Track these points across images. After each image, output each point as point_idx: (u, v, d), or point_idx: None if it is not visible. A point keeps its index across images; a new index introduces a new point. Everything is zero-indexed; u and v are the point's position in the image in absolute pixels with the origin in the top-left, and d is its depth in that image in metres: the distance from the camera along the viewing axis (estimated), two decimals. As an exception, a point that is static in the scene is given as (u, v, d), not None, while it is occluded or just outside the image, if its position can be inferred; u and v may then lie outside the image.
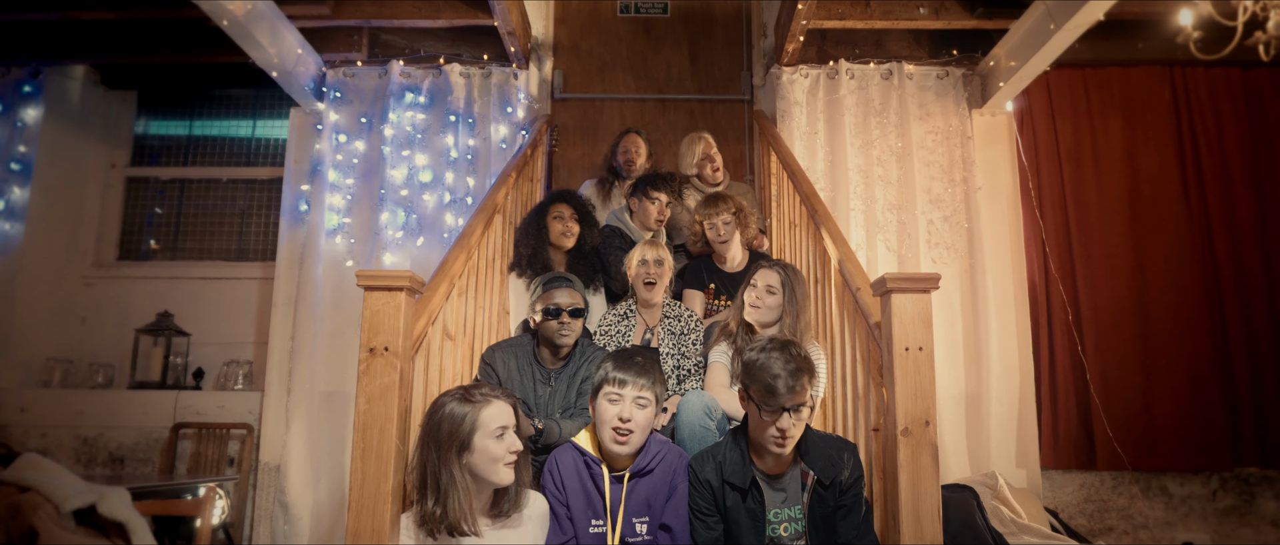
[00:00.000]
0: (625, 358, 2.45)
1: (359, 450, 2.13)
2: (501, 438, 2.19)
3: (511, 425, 2.22)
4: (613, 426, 2.37)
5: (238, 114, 5.90)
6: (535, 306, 2.97)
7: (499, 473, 2.17)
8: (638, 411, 2.38)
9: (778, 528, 2.38)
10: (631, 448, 2.40)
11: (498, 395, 2.25)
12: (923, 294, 2.24)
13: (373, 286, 2.21)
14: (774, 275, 3.13)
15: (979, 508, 2.70)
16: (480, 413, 2.20)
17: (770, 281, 3.12)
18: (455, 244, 3.12)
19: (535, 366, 3.00)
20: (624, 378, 2.39)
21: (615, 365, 2.42)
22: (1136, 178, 4.95)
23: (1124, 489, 4.68)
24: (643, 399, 2.39)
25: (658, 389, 2.43)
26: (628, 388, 2.38)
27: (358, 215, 4.94)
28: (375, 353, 2.18)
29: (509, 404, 2.25)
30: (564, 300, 2.94)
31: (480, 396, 2.23)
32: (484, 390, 2.25)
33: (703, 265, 3.92)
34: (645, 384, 2.40)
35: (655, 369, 2.46)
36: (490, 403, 2.22)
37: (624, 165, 4.63)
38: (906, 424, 2.18)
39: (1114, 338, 4.75)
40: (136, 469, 4.76)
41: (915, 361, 2.21)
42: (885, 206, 4.86)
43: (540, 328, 2.95)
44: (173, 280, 5.46)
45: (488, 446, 2.18)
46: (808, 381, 2.31)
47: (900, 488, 2.15)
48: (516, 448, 2.19)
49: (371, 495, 2.12)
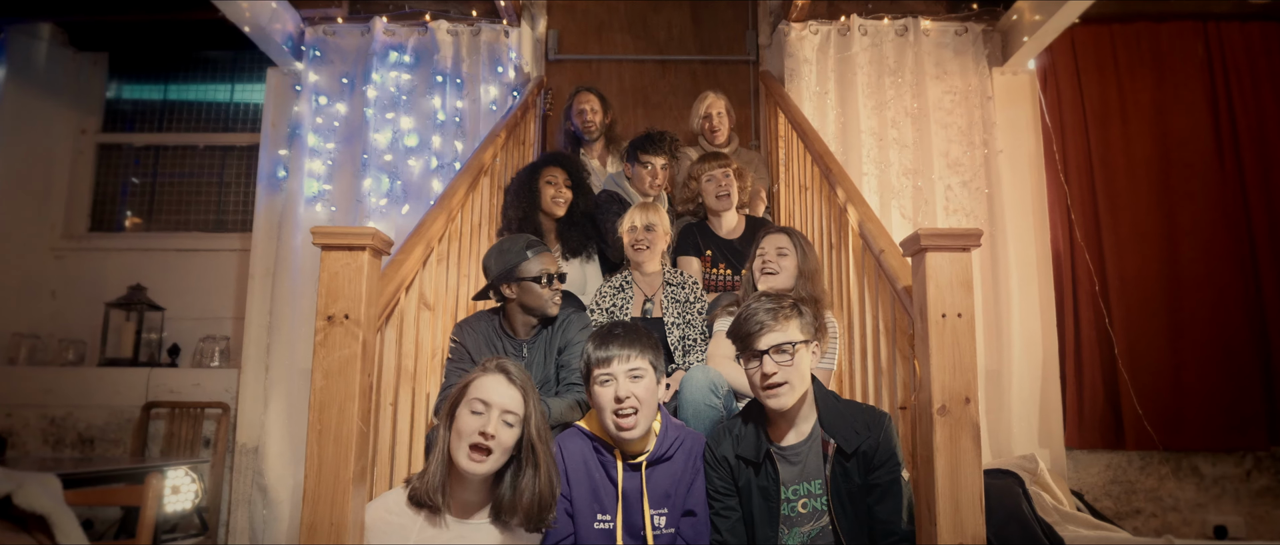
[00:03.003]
0: (604, 334, 2.16)
1: (315, 432, 1.86)
2: (478, 414, 1.91)
3: (499, 408, 1.92)
4: (612, 410, 2.10)
5: (215, 77, 5.59)
6: (517, 270, 2.66)
7: (459, 452, 1.90)
8: (635, 385, 2.10)
9: (794, 505, 2.11)
10: (640, 429, 2.12)
11: (509, 373, 1.97)
12: (962, 253, 1.95)
13: (330, 245, 1.92)
14: (782, 237, 2.86)
15: (1025, 496, 2.42)
16: (475, 379, 1.97)
17: (780, 244, 2.85)
18: (435, 205, 2.84)
19: (504, 338, 2.72)
20: (607, 355, 2.11)
21: (595, 344, 2.15)
22: (1167, 140, 4.66)
23: (1152, 469, 4.42)
24: (636, 370, 2.11)
25: (650, 356, 2.15)
26: (615, 364, 2.10)
27: (339, 182, 4.65)
28: (333, 321, 1.89)
29: (514, 388, 1.95)
30: (552, 265, 2.67)
31: (493, 366, 1.99)
32: (504, 364, 2.00)
33: (698, 231, 3.63)
34: (633, 354, 2.11)
35: (643, 335, 2.18)
36: (488, 374, 1.96)
37: (581, 127, 4.33)
38: (944, 401, 1.90)
39: (1142, 310, 4.48)
40: (107, 451, 4.50)
41: (954, 330, 1.92)
42: (900, 171, 4.57)
43: (525, 295, 2.66)
44: (147, 252, 5.17)
45: (461, 417, 1.92)
46: (795, 321, 2.10)
47: (936, 474, 1.87)
48: (489, 432, 1.89)
49: (329, 483, 1.84)
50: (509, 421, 1.93)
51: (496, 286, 2.67)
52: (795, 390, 2.08)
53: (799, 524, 2.12)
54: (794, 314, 2.12)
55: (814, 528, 2.12)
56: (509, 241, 2.72)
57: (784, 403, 2.07)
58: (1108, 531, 2.58)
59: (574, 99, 4.38)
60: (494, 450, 1.91)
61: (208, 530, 4.18)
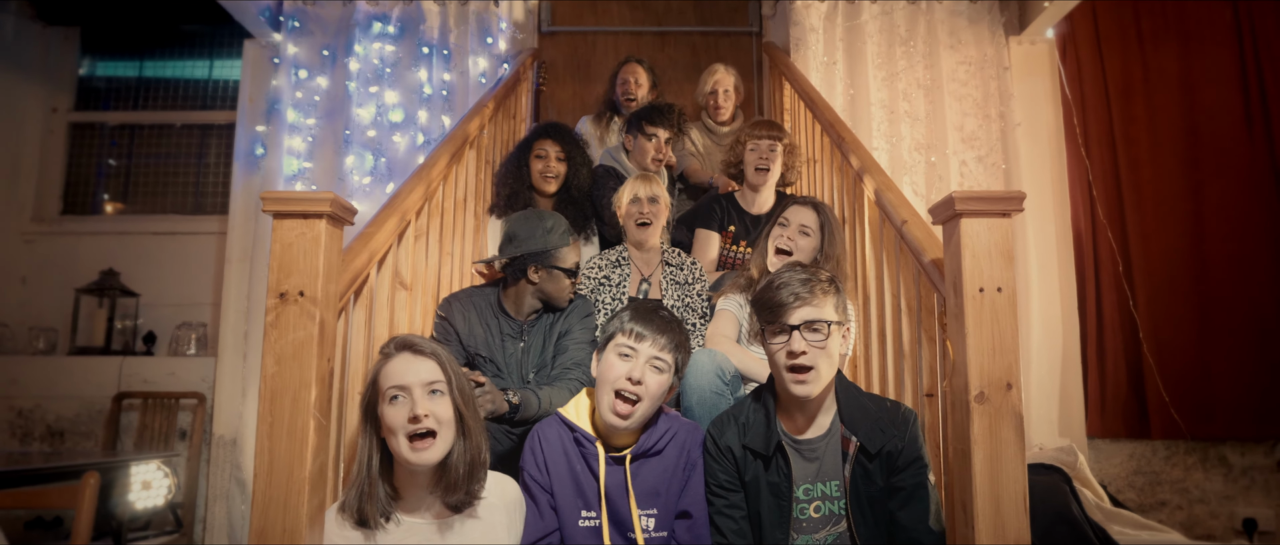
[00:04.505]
0: (646, 310, 1.97)
1: (265, 425, 1.62)
2: (396, 402, 1.67)
3: (418, 385, 1.68)
4: (616, 388, 1.88)
5: (193, 53, 5.36)
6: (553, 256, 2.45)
7: (400, 447, 1.66)
8: (651, 376, 1.90)
9: (807, 507, 1.88)
10: (634, 423, 1.90)
11: (413, 346, 1.72)
12: (1001, 219, 1.71)
13: (283, 212, 1.68)
14: (809, 213, 2.60)
15: (1073, 495, 2.18)
16: (382, 369, 1.71)
17: (805, 220, 2.59)
18: (413, 175, 2.60)
19: (501, 318, 2.49)
20: (643, 331, 1.91)
21: (633, 314, 1.95)
22: (1193, 112, 4.43)
23: (1178, 459, 4.20)
24: (660, 362, 1.91)
25: (679, 356, 1.95)
26: (645, 344, 1.90)
27: (320, 159, 4.40)
28: (286, 299, 1.66)
29: (425, 358, 1.71)
30: (578, 256, 2.52)
31: (392, 349, 1.73)
32: (406, 338, 1.75)
33: (722, 203, 3.38)
34: (666, 345, 1.92)
35: (681, 332, 1.98)
36: (391, 359, 1.71)
37: (623, 99, 4.09)
38: (982, 387, 1.66)
39: (1168, 292, 4.26)
40: (78, 444, 4.28)
41: (993, 306, 1.68)
42: (912, 146, 4.32)
43: (549, 282, 2.45)
44: (122, 236, 4.95)
45: (384, 413, 1.68)
46: (832, 299, 1.87)
47: (974, 470, 1.64)
48: (420, 413, 1.66)
49: (281, 484, 1.61)
50: (436, 391, 1.70)
51: (522, 264, 2.44)
52: (823, 377, 1.85)
53: (811, 530, 1.89)
54: (831, 290, 1.88)
55: (829, 534, 1.89)
56: (551, 220, 2.50)
57: (811, 390, 1.84)
58: (1160, 532, 2.36)
59: (622, 68, 4.16)
60: (438, 430, 1.68)
61: (183, 527, 3.95)
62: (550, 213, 2.57)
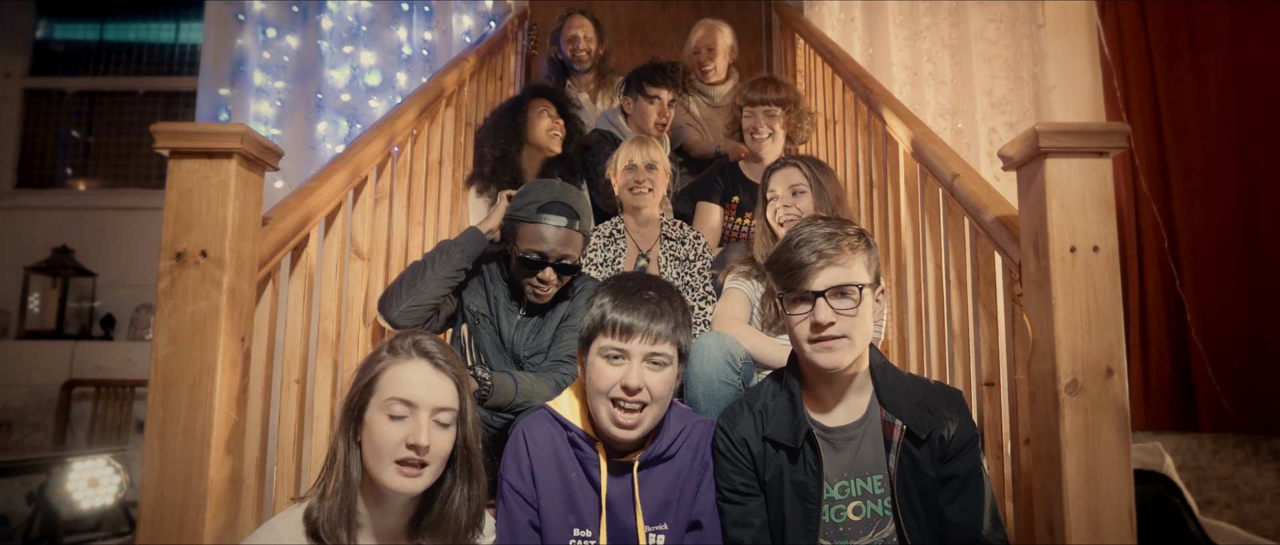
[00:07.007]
0: (630, 291, 1.55)
1: (155, 421, 1.26)
2: (397, 419, 1.30)
3: (428, 408, 1.31)
4: (613, 398, 1.49)
5: (158, 15, 5.03)
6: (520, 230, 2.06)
7: (383, 470, 1.29)
8: (652, 375, 1.50)
9: (845, 508, 1.53)
10: (642, 430, 1.52)
11: (433, 357, 1.34)
12: (1098, 158, 1.35)
13: (181, 150, 1.32)
14: (791, 171, 2.25)
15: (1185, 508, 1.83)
16: (386, 370, 1.33)
17: (792, 180, 2.23)
18: (373, 126, 2.22)
19: (505, 284, 2.13)
20: (630, 323, 1.50)
21: (616, 301, 1.54)
22: (1244, 72, 4.02)
23: (1227, 454, 3.85)
24: (659, 356, 1.51)
25: (682, 337, 1.55)
26: (636, 340, 1.50)
27: (290, 126, 4.04)
28: (184, 260, 1.29)
29: (445, 378, 1.34)
30: (555, 241, 2.02)
31: (406, 348, 1.35)
32: (424, 343, 1.36)
33: (725, 173, 3.02)
34: (663, 332, 1.51)
35: (678, 304, 1.57)
36: (406, 361, 1.33)
37: (571, 56, 3.70)
38: (1075, 373, 1.30)
39: (1218, 269, 3.88)
40: (25, 436, 3.95)
41: (1088, 270, 1.32)
42: (937, 111, 3.95)
43: (515, 265, 2.06)
44: (80, 211, 4.61)
45: (374, 424, 1.30)
46: (862, 256, 1.52)
47: (1065, 478, 1.28)
48: (421, 443, 1.29)
49: (175, 498, 1.26)
50: (443, 421, 1.33)
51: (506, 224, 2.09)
52: (855, 347, 1.49)
53: (850, 536, 1.54)
54: (861, 245, 1.52)
55: (873, 540, 1.54)
56: (553, 183, 2.12)
57: (840, 359, 1.48)
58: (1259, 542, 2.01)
59: (564, 23, 3.74)
60: (430, 463, 1.31)
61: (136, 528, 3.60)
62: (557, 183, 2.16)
